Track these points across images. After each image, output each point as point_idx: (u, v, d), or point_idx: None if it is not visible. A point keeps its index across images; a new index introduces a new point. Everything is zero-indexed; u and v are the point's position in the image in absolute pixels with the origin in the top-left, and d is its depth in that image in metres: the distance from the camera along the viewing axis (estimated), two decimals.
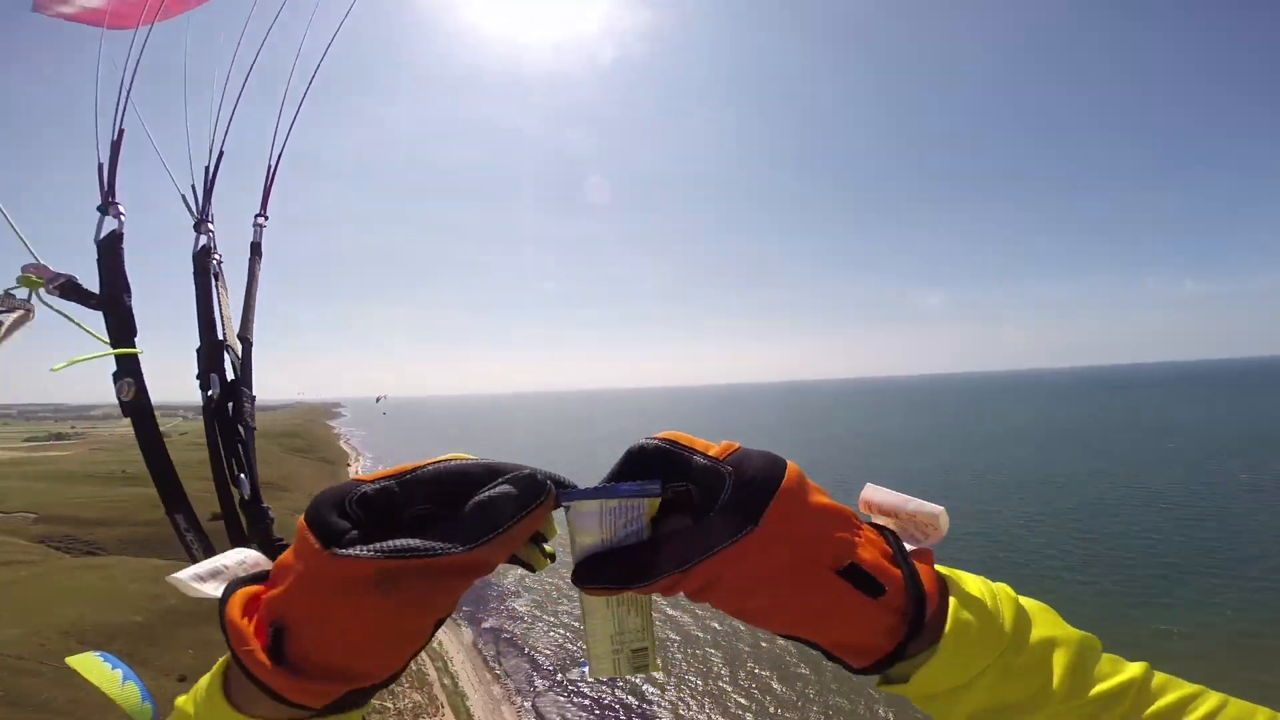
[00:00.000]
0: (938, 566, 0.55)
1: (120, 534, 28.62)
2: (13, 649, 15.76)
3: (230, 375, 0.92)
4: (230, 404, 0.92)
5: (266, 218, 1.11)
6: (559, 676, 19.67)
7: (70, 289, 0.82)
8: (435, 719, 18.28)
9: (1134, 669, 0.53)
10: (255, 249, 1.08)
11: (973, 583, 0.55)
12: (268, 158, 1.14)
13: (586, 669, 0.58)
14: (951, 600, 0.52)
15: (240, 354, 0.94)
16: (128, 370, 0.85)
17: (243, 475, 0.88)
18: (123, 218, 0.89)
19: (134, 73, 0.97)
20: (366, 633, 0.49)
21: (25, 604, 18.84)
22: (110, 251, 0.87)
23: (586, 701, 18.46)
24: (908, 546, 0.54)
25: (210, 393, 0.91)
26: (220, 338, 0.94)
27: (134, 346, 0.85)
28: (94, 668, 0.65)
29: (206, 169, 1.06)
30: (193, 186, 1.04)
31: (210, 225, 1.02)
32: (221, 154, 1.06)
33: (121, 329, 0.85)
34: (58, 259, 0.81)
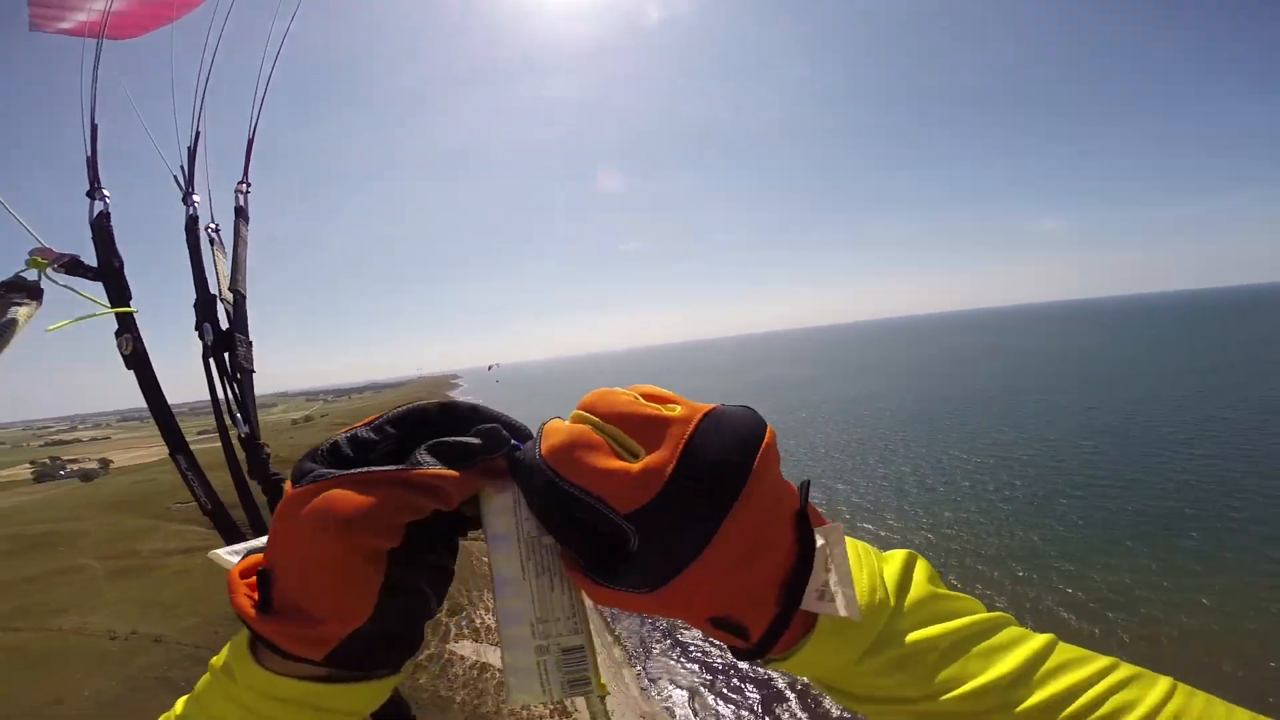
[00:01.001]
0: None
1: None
2: (190, 638, 17.55)
3: (225, 325, 1.05)
4: (226, 350, 1.04)
5: (249, 184, 1.24)
6: (668, 641, 20.13)
7: (74, 265, 0.98)
8: None
9: (1016, 658, 0.49)
10: (239, 212, 1.21)
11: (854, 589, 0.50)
12: (248, 130, 1.28)
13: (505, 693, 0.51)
14: (819, 622, 0.49)
15: (234, 305, 1.07)
16: (126, 328, 1.00)
17: (239, 415, 0.99)
18: (108, 200, 1.04)
19: (95, 70, 1.11)
20: (320, 563, 0.49)
21: (198, 593, 20.89)
22: (101, 230, 1.02)
23: (695, 666, 19.00)
24: (819, 598, 0.48)
25: (206, 340, 1.04)
26: (213, 292, 1.08)
27: (130, 308, 1.00)
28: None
29: (190, 150, 1.20)
30: (182, 167, 1.19)
31: (195, 197, 1.16)
32: (198, 134, 1.20)
33: (118, 294, 1.00)
34: (56, 243, 0.97)
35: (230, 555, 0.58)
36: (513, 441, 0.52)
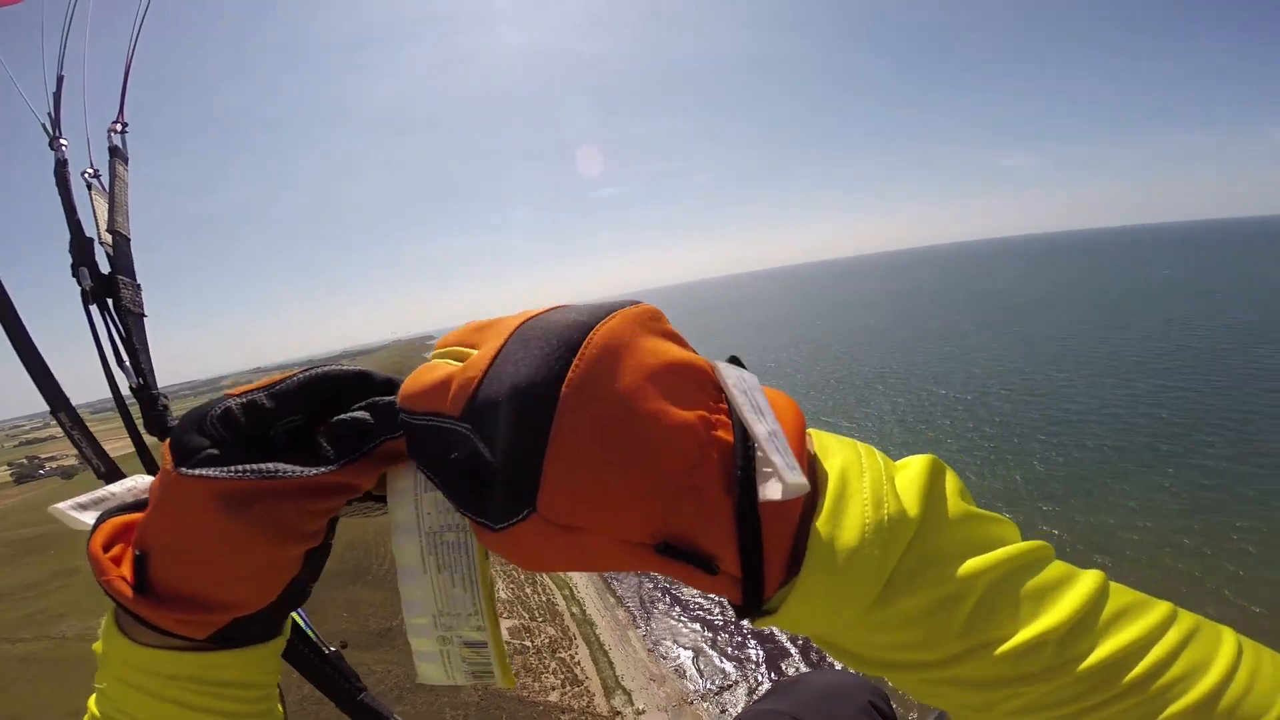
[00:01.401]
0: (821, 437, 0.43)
1: None
2: None
3: (106, 269, 1.02)
4: (109, 297, 1.00)
5: (125, 124, 1.19)
6: (668, 599, 20.53)
7: None
8: (570, 651, 19.15)
9: (1069, 604, 0.38)
10: (114, 151, 1.16)
11: (855, 499, 0.39)
12: (123, 68, 1.22)
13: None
14: (810, 545, 0.38)
15: (114, 246, 1.04)
16: None
17: (129, 364, 0.93)
18: None
19: None
20: (223, 560, 0.47)
21: None
22: None
23: (697, 625, 19.33)
24: (771, 482, 0.36)
25: (84, 285, 1.01)
26: (90, 236, 1.04)
27: None
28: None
29: (54, 94, 1.14)
30: (49, 111, 1.14)
31: (63, 141, 1.11)
32: (61, 78, 1.14)
33: None
34: None
35: (77, 512, 0.54)
36: None
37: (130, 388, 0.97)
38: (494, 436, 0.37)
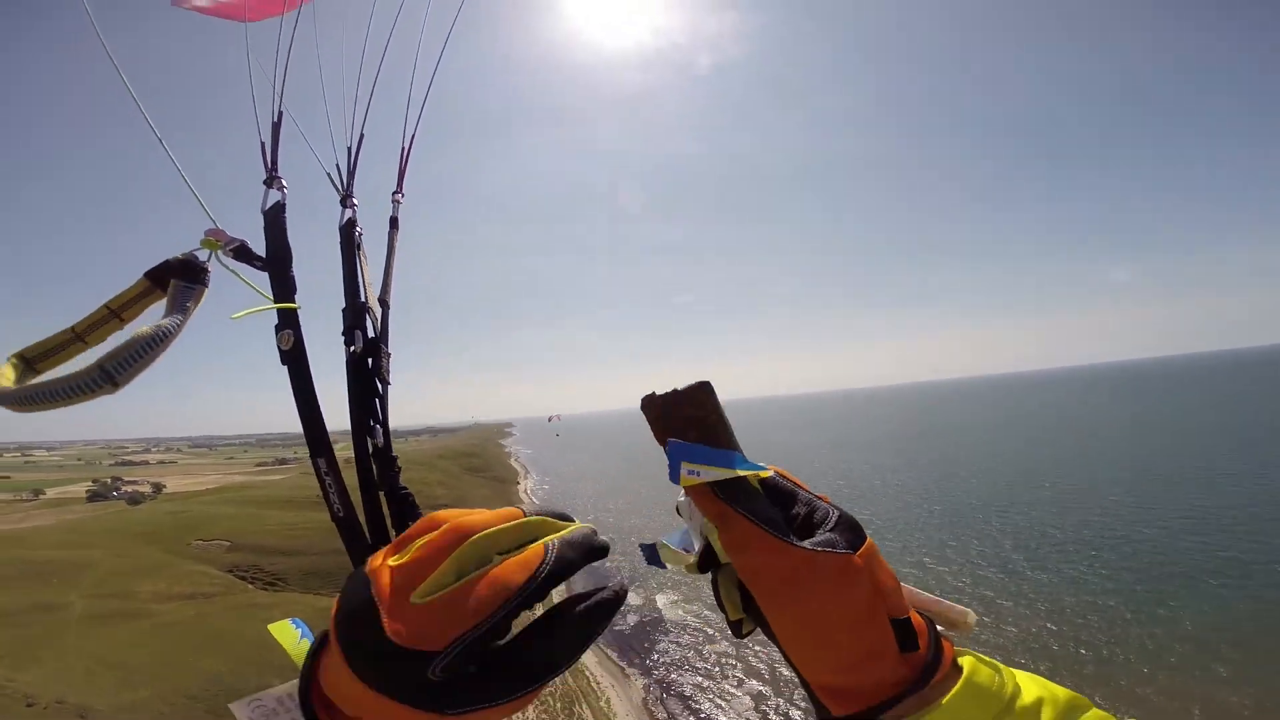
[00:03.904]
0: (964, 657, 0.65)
1: (304, 564, 31.90)
2: (132, 716, 15.64)
3: (371, 333, 1.06)
4: (370, 359, 1.06)
5: (403, 194, 1.27)
6: None
7: (243, 252, 1.01)
8: None
9: None
10: (393, 223, 1.24)
11: (985, 669, 0.62)
12: (402, 139, 1.32)
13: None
14: (962, 675, 0.60)
15: (380, 316, 1.09)
16: (288, 323, 1.01)
17: (377, 425, 0.99)
18: (285, 190, 1.08)
19: (288, 56, 1.18)
20: None
21: (169, 657, 19.65)
22: (274, 220, 1.05)
23: None
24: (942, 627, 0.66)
25: (353, 348, 1.05)
26: (363, 300, 1.09)
27: (294, 303, 1.02)
28: (285, 632, 0.77)
29: (349, 149, 1.25)
30: (337, 165, 1.23)
31: (354, 200, 1.19)
32: (362, 136, 1.25)
33: (283, 288, 1.02)
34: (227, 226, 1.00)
35: (249, 711, 0.59)
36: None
37: (374, 447, 0.99)
38: (844, 518, 0.66)
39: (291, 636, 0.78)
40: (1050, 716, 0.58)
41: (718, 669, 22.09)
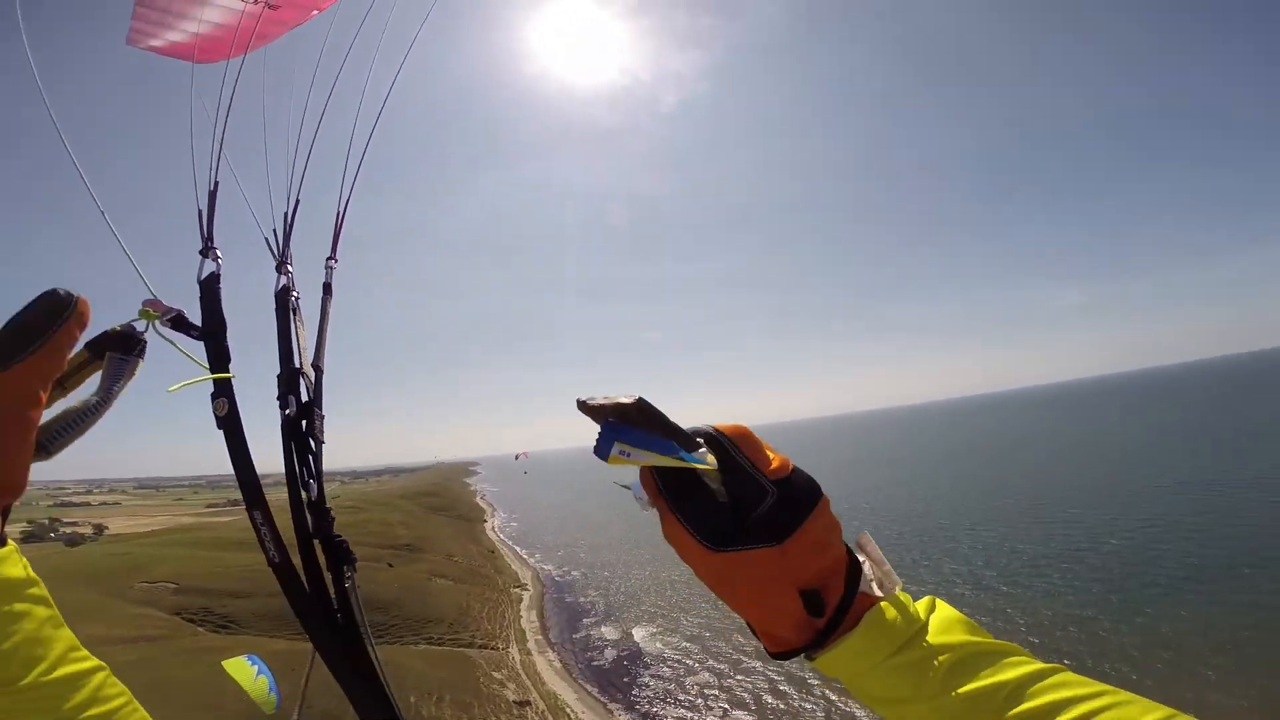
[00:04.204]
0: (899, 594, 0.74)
1: (255, 607, 30.17)
2: None
3: (305, 397, 1.12)
4: (304, 421, 1.11)
5: (336, 260, 1.33)
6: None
7: (179, 322, 1.05)
8: None
9: (1016, 671, 0.62)
10: (327, 288, 1.29)
11: (892, 613, 0.71)
12: (337, 205, 1.38)
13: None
14: (866, 615, 0.70)
15: (314, 380, 1.14)
16: (222, 392, 1.06)
17: (312, 481, 1.06)
18: (220, 261, 1.13)
19: (225, 119, 1.24)
20: None
21: None
22: (210, 291, 1.10)
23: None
24: (868, 587, 0.73)
25: (288, 411, 1.11)
26: (297, 365, 1.15)
27: (228, 372, 1.07)
28: (240, 669, 0.82)
29: (285, 215, 1.31)
30: (274, 231, 1.29)
31: (289, 266, 1.25)
32: (298, 202, 1.31)
33: (218, 357, 1.07)
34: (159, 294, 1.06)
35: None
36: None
37: (308, 501, 1.05)
38: (781, 504, 0.69)
39: (248, 674, 0.83)
40: (945, 662, 0.65)
41: (701, 700, 21.78)
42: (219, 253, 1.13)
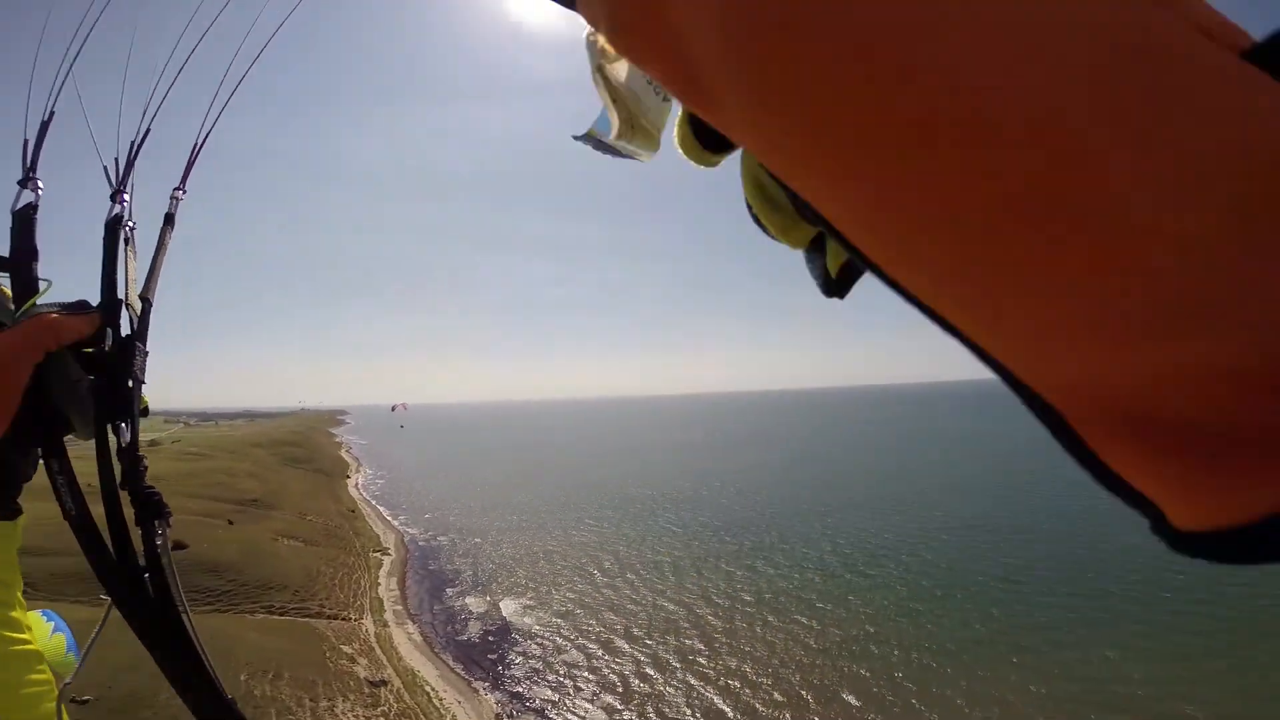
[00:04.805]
0: None
1: (55, 565, 26.29)
2: None
3: (127, 330, 1.06)
4: (121, 355, 1.05)
5: (185, 191, 1.26)
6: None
7: None
8: None
9: None
10: (169, 219, 1.22)
11: None
12: (195, 136, 1.29)
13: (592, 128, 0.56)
14: None
15: (140, 312, 1.08)
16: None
17: (124, 425, 1.00)
18: (40, 192, 1.04)
19: (76, 54, 1.12)
20: None
21: None
22: (23, 221, 1.01)
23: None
24: None
25: (104, 345, 1.04)
26: (120, 296, 1.08)
27: (34, 306, 0.99)
28: (37, 625, 0.77)
29: (132, 143, 1.21)
30: (116, 159, 1.19)
31: (126, 195, 1.16)
32: (148, 131, 1.21)
33: (24, 289, 0.99)
34: None
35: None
36: None
37: (118, 447, 1.02)
38: None
39: (42, 631, 0.79)
40: None
41: (569, 680, 21.78)
42: (40, 183, 1.04)
